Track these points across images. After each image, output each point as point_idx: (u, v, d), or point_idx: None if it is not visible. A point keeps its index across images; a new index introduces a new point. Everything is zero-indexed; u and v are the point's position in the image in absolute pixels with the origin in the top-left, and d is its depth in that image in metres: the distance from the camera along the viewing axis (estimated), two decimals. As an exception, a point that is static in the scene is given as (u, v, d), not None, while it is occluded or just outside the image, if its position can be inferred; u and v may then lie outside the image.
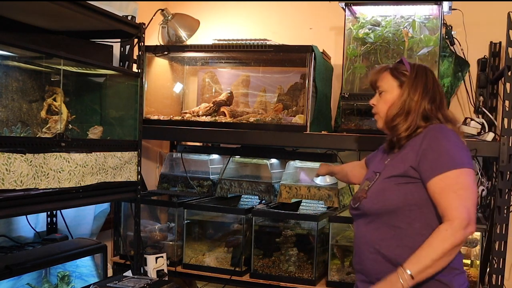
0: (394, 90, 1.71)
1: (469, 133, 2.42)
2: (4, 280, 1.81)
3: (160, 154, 3.35)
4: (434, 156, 1.55)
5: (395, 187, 1.61)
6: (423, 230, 1.55)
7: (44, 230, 2.44)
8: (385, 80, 1.73)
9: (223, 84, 3.16)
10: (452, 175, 1.51)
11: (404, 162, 1.62)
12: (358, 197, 1.73)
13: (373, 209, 1.64)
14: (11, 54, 1.90)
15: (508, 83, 2.21)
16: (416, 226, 1.58)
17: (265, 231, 2.64)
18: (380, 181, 1.68)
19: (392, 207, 1.60)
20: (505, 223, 2.21)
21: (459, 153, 1.55)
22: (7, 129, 1.96)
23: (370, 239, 1.65)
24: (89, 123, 2.30)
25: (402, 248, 1.58)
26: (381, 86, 1.73)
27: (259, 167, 3.03)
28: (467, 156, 1.58)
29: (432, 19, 2.48)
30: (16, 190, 1.66)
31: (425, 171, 1.55)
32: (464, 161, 1.54)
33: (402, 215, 1.59)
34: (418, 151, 1.59)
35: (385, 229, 1.62)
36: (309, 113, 2.56)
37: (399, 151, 1.71)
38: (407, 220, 1.58)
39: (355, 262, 1.74)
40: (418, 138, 1.63)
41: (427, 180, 1.55)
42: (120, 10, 2.63)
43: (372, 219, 1.65)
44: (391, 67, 1.75)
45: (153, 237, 2.82)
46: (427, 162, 1.56)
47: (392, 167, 1.67)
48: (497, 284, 2.23)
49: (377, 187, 1.68)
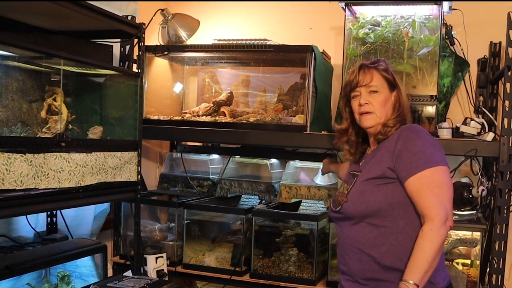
0: (385, 90, 1.74)
1: (469, 133, 2.42)
2: (4, 280, 1.81)
3: (160, 154, 3.35)
4: (409, 156, 1.60)
5: (374, 189, 1.65)
6: (407, 227, 1.61)
7: (44, 230, 2.44)
8: (375, 79, 1.74)
9: (223, 84, 3.16)
10: (427, 174, 1.57)
11: (381, 164, 1.66)
12: (338, 200, 1.76)
13: (356, 212, 1.67)
14: (11, 54, 1.90)
15: (508, 83, 2.21)
16: (400, 224, 1.62)
17: (265, 231, 2.64)
18: (358, 183, 1.71)
19: (375, 208, 1.63)
20: (505, 223, 2.21)
21: (432, 152, 1.60)
22: (7, 129, 1.96)
23: (355, 240, 1.68)
24: (89, 123, 2.30)
25: (387, 246, 1.62)
26: (374, 86, 1.74)
27: (259, 167, 3.03)
28: (441, 154, 1.63)
29: (432, 19, 2.48)
30: (16, 190, 1.66)
31: (402, 171, 1.60)
32: (437, 159, 1.59)
33: (385, 214, 1.63)
34: (393, 152, 1.63)
35: (369, 229, 1.65)
36: (309, 113, 2.56)
37: (372, 152, 1.76)
38: (390, 218, 1.62)
39: (341, 263, 1.77)
40: (392, 139, 1.68)
41: (404, 180, 1.60)
42: (120, 10, 2.63)
43: (356, 221, 1.68)
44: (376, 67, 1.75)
45: (153, 237, 2.82)
46: (402, 162, 1.60)
47: (369, 169, 1.71)
48: (497, 284, 2.23)
49: (356, 190, 1.71)
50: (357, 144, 1.86)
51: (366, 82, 1.74)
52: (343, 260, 1.74)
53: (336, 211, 1.75)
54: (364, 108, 1.74)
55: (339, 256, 1.77)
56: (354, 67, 1.80)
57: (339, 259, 1.78)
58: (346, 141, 1.88)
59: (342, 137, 1.89)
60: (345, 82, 1.82)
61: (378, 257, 1.63)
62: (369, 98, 1.74)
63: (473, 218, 2.45)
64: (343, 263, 1.74)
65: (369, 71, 1.75)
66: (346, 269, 1.73)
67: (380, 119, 1.73)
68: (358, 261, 1.67)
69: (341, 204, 1.72)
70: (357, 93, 1.76)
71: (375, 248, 1.63)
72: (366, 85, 1.74)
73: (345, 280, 1.75)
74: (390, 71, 1.77)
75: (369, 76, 1.74)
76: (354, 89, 1.76)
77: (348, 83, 1.79)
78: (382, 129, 1.73)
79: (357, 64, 1.81)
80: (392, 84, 1.75)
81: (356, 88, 1.76)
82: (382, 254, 1.62)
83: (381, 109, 1.73)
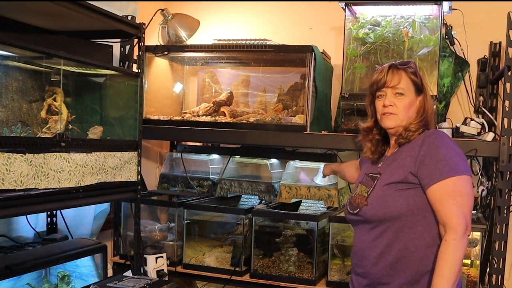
0: (411, 93, 1.71)
1: (469, 133, 2.42)
2: (4, 280, 1.81)
3: (160, 154, 3.35)
4: (433, 163, 1.58)
5: (396, 194, 1.63)
6: (425, 233, 1.60)
7: (44, 230, 2.43)
8: (403, 81, 1.70)
9: (223, 84, 3.16)
10: (450, 183, 1.55)
11: (403, 168, 1.64)
12: (357, 203, 1.74)
13: (376, 216, 1.65)
14: (11, 54, 1.90)
15: (508, 83, 2.21)
16: (419, 229, 1.61)
17: (265, 231, 2.64)
18: (379, 187, 1.69)
19: (395, 213, 1.62)
20: (505, 223, 2.21)
21: (457, 161, 1.59)
22: (7, 129, 1.96)
23: (373, 244, 1.66)
24: (89, 123, 2.30)
25: (404, 251, 1.61)
26: (401, 88, 1.70)
27: (259, 167, 3.03)
28: (465, 163, 1.61)
29: (432, 19, 2.48)
30: (16, 190, 1.66)
31: (424, 178, 1.59)
32: (461, 168, 1.58)
33: (405, 219, 1.61)
34: (416, 157, 1.62)
35: (387, 233, 1.64)
36: (309, 113, 2.56)
37: (393, 155, 1.74)
38: (410, 224, 1.61)
39: (356, 265, 1.75)
40: (415, 143, 1.66)
41: (426, 187, 1.58)
42: (120, 10, 2.63)
43: (375, 225, 1.67)
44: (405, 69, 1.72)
45: (153, 237, 2.82)
46: (426, 169, 1.59)
47: (390, 173, 1.69)
48: (497, 284, 2.23)
49: (377, 194, 1.68)
50: (378, 144, 1.83)
51: (393, 83, 1.70)
52: (358, 263, 1.73)
53: (354, 214, 1.73)
54: (388, 109, 1.70)
55: (354, 258, 1.76)
56: (383, 66, 1.76)
57: (354, 261, 1.77)
58: (370, 140, 1.84)
59: (368, 136, 1.85)
60: (372, 80, 1.78)
61: (394, 262, 1.62)
62: (394, 100, 1.70)
63: (473, 218, 2.45)
64: (359, 266, 1.72)
65: (398, 72, 1.71)
66: (362, 271, 1.71)
67: (402, 122, 1.70)
68: (374, 265, 1.66)
69: (360, 207, 1.70)
70: (383, 93, 1.73)
71: (392, 253, 1.62)
72: (393, 87, 1.70)
73: (359, 283, 1.73)
74: (419, 75, 1.73)
75: (397, 78, 1.70)
76: (381, 89, 1.73)
77: (375, 82, 1.75)
78: (404, 133, 1.70)
79: (387, 64, 1.76)
80: (419, 88, 1.72)
81: (383, 88, 1.72)
82: (398, 259, 1.61)
83: (405, 112, 1.70)
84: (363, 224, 1.72)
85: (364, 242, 1.70)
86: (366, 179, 1.80)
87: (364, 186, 1.77)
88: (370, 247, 1.67)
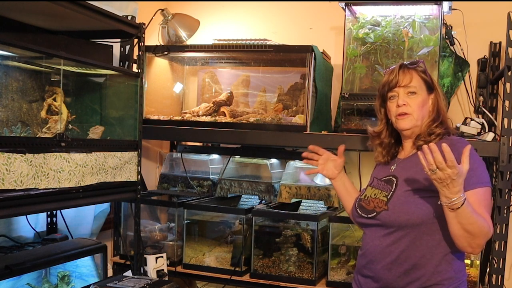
0: (423, 92, 1.71)
1: (469, 133, 2.42)
2: (4, 280, 1.81)
3: (160, 154, 3.35)
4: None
5: (419, 201, 1.62)
6: (442, 242, 1.60)
7: (44, 230, 2.44)
8: (414, 80, 1.70)
9: (223, 84, 3.16)
10: (480, 192, 1.57)
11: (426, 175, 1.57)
12: (372, 207, 1.72)
13: (397, 222, 1.64)
14: (11, 54, 1.90)
15: (508, 83, 2.21)
16: (437, 237, 1.60)
17: (265, 231, 2.64)
18: (401, 193, 1.67)
19: (418, 221, 1.60)
20: (505, 223, 2.21)
21: (483, 171, 1.61)
22: (7, 129, 1.96)
23: (388, 250, 1.65)
24: (89, 123, 2.30)
25: (420, 258, 1.60)
26: (413, 87, 1.69)
27: (259, 167, 3.03)
28: (487, 174, 1.63)
29: (432, 19, 2.48)
30: (16, 190, 1.66)
31: None
32: (487, 179, 1.60)
33: (425, 227, 1.61)
34: None
35: (405, 240, 1.63)
36: (309, 113, 2.56)
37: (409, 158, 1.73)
38: (429, 232, 1.61)
39: (365, 268, 1.73)
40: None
41: None
42: (120, 10, 2.63)
43: (393, 231, 1.65)
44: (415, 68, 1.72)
45: (153, 237, 2.82)
46: None
47: (412, 178, 1.67)
48: (497, 284, 2.23)
49: (399, 199, 1.66)
50: (390, 147, 1.82)
51: (405, 82, 1.69)
52: (369, 266, 1.71)
53: (369, 217, 1.71)
54: (402, 109, 1.69)
55: (363, 260, 1.74)
56: (394, 67, 1.75)
57: (361, 262, 1.75)
58: (380, 144, 1.83)
59: (376, 140, 1.84)
60: (383, 82, 1.76)
61: (409, 269, 1.61)
62: (407, 99, 1.69)
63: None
64: (369, 269, 1.71)
65: (409, 71, 1.71)
66: (372, 275, 1.70)
67: (417, 122, 1.69)
68: (387, 270, 1.64)
69: (378, 211, 1.69)
70: (395, 93, 1.71)
71: (408, 260, 1.61)
72: (405, 86, 1.69)
73: (368, 285, 1.72)
74: (428, 73, 1.73)
75: (409, 77, 1.70)
76: (392, 89, 1.72)
77: (387, 83, 1.73)
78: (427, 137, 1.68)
79: (396, 64, 1.75)
80: (430, 87, 1.72)
81: (395, 88, 1.71)
82: (414, 266, 1.60)
83: (419, 111, 1.68)
84: (377, 228, 1.69)
85: (378, 246, 1.68)
86: (378, 183, 1.78)
87: (378, 190, 1.75)
88: (384, 251, 1.65)
